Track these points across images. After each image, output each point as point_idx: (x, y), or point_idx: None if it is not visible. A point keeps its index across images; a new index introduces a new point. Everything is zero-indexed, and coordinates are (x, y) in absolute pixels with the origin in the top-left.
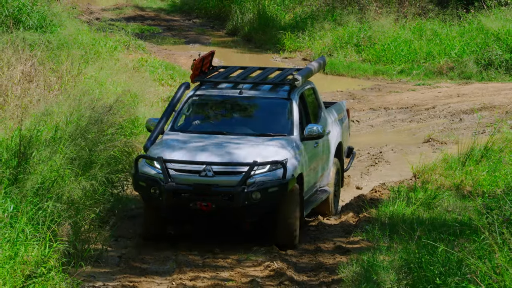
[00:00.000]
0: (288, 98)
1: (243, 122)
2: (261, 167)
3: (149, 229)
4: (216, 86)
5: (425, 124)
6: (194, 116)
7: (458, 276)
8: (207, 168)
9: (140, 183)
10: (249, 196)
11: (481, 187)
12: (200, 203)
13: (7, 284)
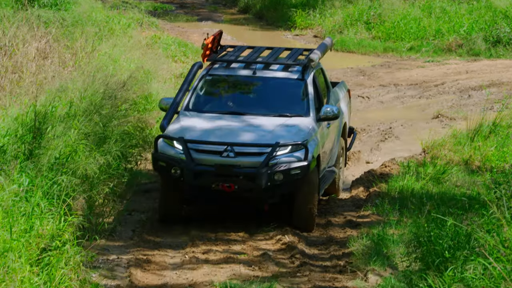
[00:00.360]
0: (302, 78)
1: (258, 103)
2: (282, 148)
3: (166, 210)
4: (228, 66)
5: (434, 100)
6: (209, 96)
7: (466, 249)
8: (229, 149)
9: (160, 163)
10: (272, 177)
11: (489, 162)
12: (223, 184)
13: (23, 257)
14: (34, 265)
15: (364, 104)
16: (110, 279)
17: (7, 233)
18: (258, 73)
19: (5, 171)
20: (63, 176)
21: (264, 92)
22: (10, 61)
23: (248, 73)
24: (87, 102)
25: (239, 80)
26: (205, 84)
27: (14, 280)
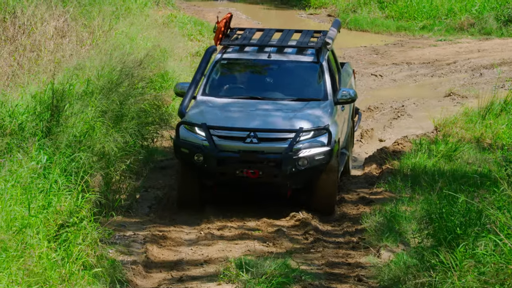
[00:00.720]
0: (318, 61)
1: (276, 87)
2: (305, 133)
3: (184, 196)
4: (242, 50)
5: (446, 79)
6: (224, 80)
7: (478, 226)
8: (252, 135)
9: (182, 149)
10: (296, 163)
11: (500, 140)
12: (247, 170)
13: (41, 233)
14: (52, 241)
15: (377, 82)
16: (127, 255)
17: (26, 210)
18: (273, 57)
19: (24, 148)
20: (81, 153)
21: (280, 76)
22: (28, 39)
23: (263, 56)
24: (104, 80)
25: (254, 64)
26: (220, 68)
27: (32, 255)
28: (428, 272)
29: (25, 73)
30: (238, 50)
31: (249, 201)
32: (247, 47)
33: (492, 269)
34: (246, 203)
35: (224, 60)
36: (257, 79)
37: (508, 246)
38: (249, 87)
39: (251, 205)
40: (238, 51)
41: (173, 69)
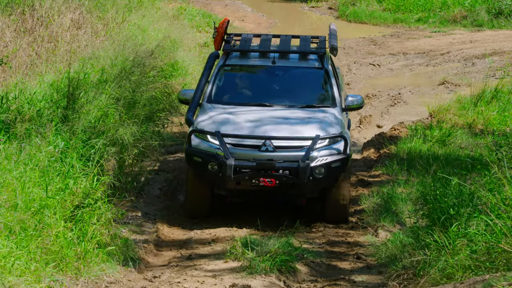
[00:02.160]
0: (323, 67)
1: (283, 93)
2: (321, 140)
3: (194, 206)
4: (244, 56)
5: (440, 68)
6: (230, 87)
7: (470, 207)
8: (267, 143)
9: (195, 158)
10: (314, 171)
11: (491, 126)
12: (264, 179)
13: (58, 213)
14: (68, 221)
15: (375, 72)
16: (139, 234)
17: (43, 191)
18: (278, 63)
19: (42, 134)
20: (96, 138)
21: (287, 82)
22: (46, 31)
23: (267, 62)
24: (118, 69)
25: (259, 70)
26: (225, 75)
27: (49, 234)
28: (423, 251)
29: (43, 63)
30: (240, 56)
31: (260, 211)
32: (248, 53)
33: (483, 247)
34: (257, 213)
35: (228, 66)
36: (263, 85)
37: (499, 226)
38: (256, 94)
39: (263, 215)
40: (240, 57)
41: (182, 58)
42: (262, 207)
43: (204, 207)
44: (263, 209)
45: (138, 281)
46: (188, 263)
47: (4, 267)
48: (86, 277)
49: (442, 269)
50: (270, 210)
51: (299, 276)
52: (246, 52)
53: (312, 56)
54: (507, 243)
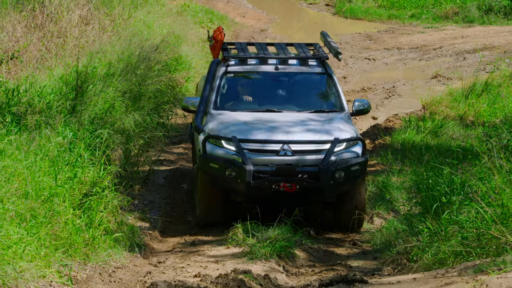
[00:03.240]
0: (326, 72)
1: (290, 99)
2: (339, 144)
3: (208, 214)
4: (244, 62)
5: (433, 62)
6: (235, 93)
7: (461, 195)
8: (285, 147)
9: (211, 164)
10: (334, 175)
11: (481, 117)
12: (284, 184)
13: (67, 201)
14: (77, 208)
15: (370, 66)
16: (144, 221)
17: (53, 180)
18: (280, 69)
19: (51, 125)
20: (104, 130)
21: (292, 88)
22: (55, 27)
23: (270, 68)
24: (124, 63)
25: (263, 76)
26: (229, 82)
27: (59, 222)
28: (416, 237)
29: (52, 57)
30: (240, 63)
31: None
32: (249, 60)
33: (474, 234)
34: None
35: (231, 73)
36: (269, 91)
37: (489, 213)
38: (262, 100)
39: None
40: (241, 64)
41: (186, 53)
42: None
43: (218, 214)
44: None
45: (143, 266)
46: (191, 249)
47: (16, 253)
48: (93, 262)
49: (434, 255)
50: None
51: (298, 262)
52: (248, 58)
53: (312, 62)
54: (497, 230)
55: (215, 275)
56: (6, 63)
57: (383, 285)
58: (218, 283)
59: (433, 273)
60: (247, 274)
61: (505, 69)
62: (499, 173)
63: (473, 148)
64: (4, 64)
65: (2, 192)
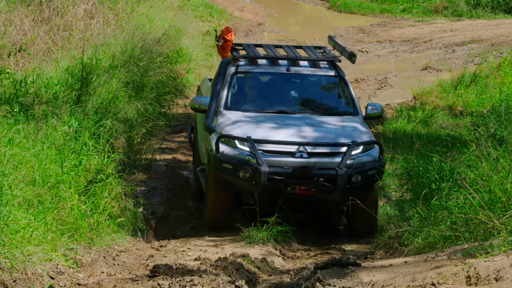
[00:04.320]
0: (338, 75)
1: (302, 100)
2: (356, 148)
3: (217, 217)
4: (254, 63)
5: (423, 55)
6: (247, 94)
7: (450, 182)
8: (301, 149)
9: (224, 165)
10: (351, 179)
11: (470, 107)
12: (300, 187)
13: (72, 188)
14: (82, 195)
15: (363, 58)
16: (147, 206)
17: (59, 168)
18: (292, 70)
19: (57, 115)
20: (108, 119)
21: (304, 90)
22: (62, 20)
23: (281, 69)
24: (127, 56)
25: (274, 77)
26: (239, 82)
27: (65, 207)
28: (407, 222)
29: (58, 50)
30: (250, 63)
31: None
32: (259, 61)
33: (462, 219)
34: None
35: (242, 74)
36: (280, 92)
37: (477, 199)
38: (274, 101)
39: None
40: (251, 64)
41: (186, 46)
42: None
43: (228, 217)
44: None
45: (146, 250)
46: (191, 232)
47: (23, 237)
48: (98, 246)
49: (424, 239)
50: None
51: (294, 246)
52: (258, 59)
53: (324, 64)
54: (484, 215)
55: (214, 258)
56: (14, 55)
57: (376, 268)
58: (217, 266)
59: (423, 256)
60: (245, 258)
61: (492, 61)
62: (487, 160)
63: (462, 137)
64: (12, 56)
65: (10, 179)
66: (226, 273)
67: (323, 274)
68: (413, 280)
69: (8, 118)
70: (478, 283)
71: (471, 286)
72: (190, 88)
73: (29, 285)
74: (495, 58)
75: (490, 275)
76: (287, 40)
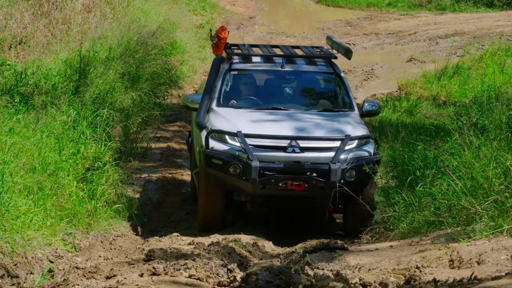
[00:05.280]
0: (334, 72)
1: (297, 97)
2: (350, 142)
3: (209, 217)
4: (248, 61)
5: (408, 47)
6: (240, 91)
7: (434, 169)
8: (293, 144)
9: (214, 161)
10: (345, 174)
11: (453, 98)
12: (292, 182)
13: (71, 175)
14: (80, 181)
15: None
16: (142, 193)
17: (58, 156)
18: (286, 67)
19: (56, 105)
20: (105, 109)
21: (299, 86)
22: (60, 14)
23: (276, 67)
24: (123, 48)
25: (269, 74)
26: (233, 79)
27: (63, 194)
28: (393, 208)
29: (57, 42)
30: (244, 61)
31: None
32: (253, 58)
33: (445, 205)
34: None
35: (235, 71)
36: (274, 89)
37: (459, 186)
38: (269, 98)
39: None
40: (245, 62)
41: (180, 38)
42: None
43: (219, 217)
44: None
45: (142, 235)
46: (185, 218)
47: (24, 223)
48: (95, 231)
49: (409, 224)
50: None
51: (282, 231)
52: (250, 57)
53: (320, 62)
54: (467, 201)
55: (207, 243)
56: (15, 47)
57: (362, 252)
58: (210, 250)
59: (408, 241)
60: (236, 242)
61: (474, 53)
62: (469, 148)
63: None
64: (13, 48)
65: (11, 167)
66: (219, 257)
67: (311, 258)
68: (399, 264)
69: (9, 108)
70: (461, 267)
71: (454, 269)
72: (184, 79)
73: (29, 268)
74: (477, 50)
75: (472, 258)
76: (278, 33)
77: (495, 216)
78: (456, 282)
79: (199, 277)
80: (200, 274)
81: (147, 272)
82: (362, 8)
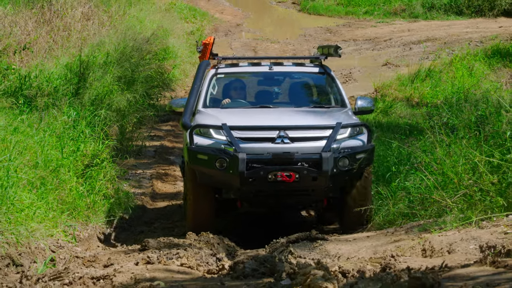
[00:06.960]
0: (325, 72)
1: (286, 97)
2: (342, 131)
3: (199, 217)
4: (235, 65)
5: (383, 52)
6: (227, 93)
7: (408, 165)
8: (282, 134)
9: (199, 156)
10: (337, 163)
11: (425, 99)
12: (282, 173)
13: (71, 171)
14: (80, 177)
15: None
16: (138, 188)
17: (59, 153)
18: (275, 69)
19: (58, 106)
20: (103, 110)
21: (288, 87)
22: (61, 22)
23: (264, 69)
24: (120, 53)
25: (257, 76)
26: (219, 82)
27: (64, 189)
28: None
29: (58, 48)
30: (231, 66)
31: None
32: (241, 64)
33: (418, 198)
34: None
35: (222, 74)
36: (262, 90)
37: (431, 180)
38: (256, 97)
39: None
40: (232, 66)
41: (173, 44)
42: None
43: (209, 217)
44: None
45: (137, 227)
46: (178, 212)
47: (28, 215)
48: (94, 223)
49: (385, 216)
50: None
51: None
52: (239, 59)
53: (309, 63)
54: (438, 195)
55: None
56: (19, 53)
57: (341, 242)
58: (201, 240)
59: (384, 231)
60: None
61: (445, 58)
62: (440, 146)
63: (418, 125)
64: (18, 54)
65: (16, 163)
66: (208, 247)
67: (294, 248)
68: (375, 253)
69: (14, 109)
70: (433, 255)
71: (427, 258)
72: (176, 82)
73: (33, 258)
74: (447, 55)
75: (443, 248)
76: (263, 39)
77: (464, 209)
78: (428, 270)
79: (190, 265)
80: (191, 263)
81: (142, 261)
82: (341, 16)
